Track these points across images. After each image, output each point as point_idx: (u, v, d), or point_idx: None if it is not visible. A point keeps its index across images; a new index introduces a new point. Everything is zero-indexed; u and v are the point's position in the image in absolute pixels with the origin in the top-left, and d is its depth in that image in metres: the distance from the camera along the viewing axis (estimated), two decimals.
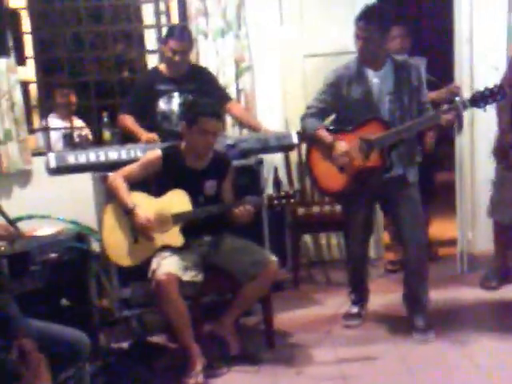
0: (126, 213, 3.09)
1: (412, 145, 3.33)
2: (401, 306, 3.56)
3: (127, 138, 3.87)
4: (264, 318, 3.37)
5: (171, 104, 3.81)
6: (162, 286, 2.92)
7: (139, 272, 3.17)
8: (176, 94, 3.81)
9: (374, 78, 3.27)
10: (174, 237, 3.11)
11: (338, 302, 3.82)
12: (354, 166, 3.24)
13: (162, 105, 3.81)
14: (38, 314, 2.40)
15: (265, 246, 3.55)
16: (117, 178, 3.14)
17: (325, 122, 3.43)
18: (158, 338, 3.50)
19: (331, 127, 3.40)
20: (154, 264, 3.03)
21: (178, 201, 3.12)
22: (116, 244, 3.13)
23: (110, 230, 3.15)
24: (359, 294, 3.65)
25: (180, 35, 3.74)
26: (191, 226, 3.13)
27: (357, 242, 3.53)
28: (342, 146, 3.24)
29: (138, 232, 3.11)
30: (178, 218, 3.10)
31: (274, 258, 3.15)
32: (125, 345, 3.37)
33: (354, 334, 3.46)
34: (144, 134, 3.69)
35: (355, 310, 3.61)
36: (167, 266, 2.98)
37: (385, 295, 3.94)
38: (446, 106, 3.17)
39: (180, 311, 2.96)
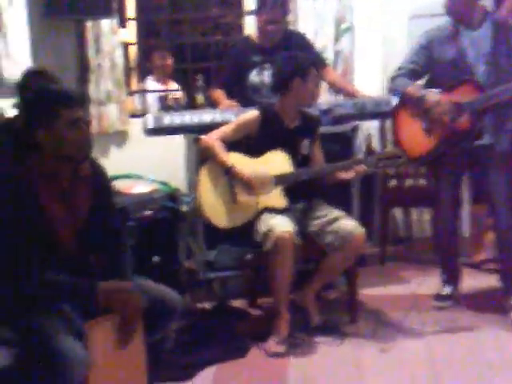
0: (226, 172, 3.07)
1: (504, 111, 3.13)
2: (498, 289, 3.37)
3: None
4: (348, 291, 3.32)
5: (263, 76, 3.77)
6: (282, 242, 2.88)
7: (225, 235, 3.20)
8: (268, 66, 3.74)
9: (468, 38, 3.11)
10: (277, 198, 3.07)
11: (426, 282, 3.67)
12: (443, 127, 3.08)
13: (252, 77, 3.78)
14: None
15: (353, 216, 3.45)
16: (213, 138, 3.13)
17: (416, 83, 3.30)
18: (239, 303, 3.53)
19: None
20: (262, 226, 2.98)
21: (278, 162, 3.09)
22: (214, 205, 3.11)
23: (208, 192, 3.13)
24: (450, 273, 3.50)
25: (273, 5, 3.67)
26: (289, 189, 3.10)
27: (445, 217, 3.39)
28: (433, 95, 3.11)
29: (236, 192, 3.07)
30: (280, 179, 3.08)
31: (362, 229, 3.07)
32: (207, 306, 3.44)
33: (445, 317, 3.29)
34: (223, 102, 3.70)
35: (447, 290, 3.47)
36: (284, 224, 2.94)
37: (480, 277, 3.76)
38: None
39: (288, 273, 2.95)
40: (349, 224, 3.07)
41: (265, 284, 3.30)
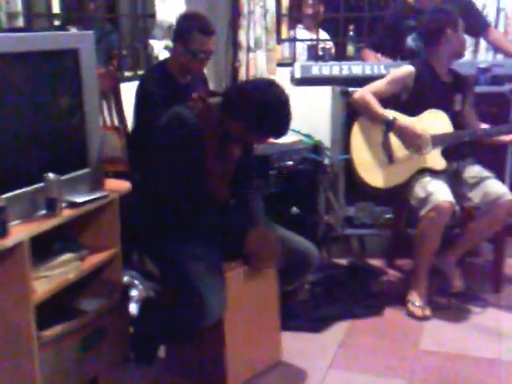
0: (387, 127, 2.96)
1: None
2: None
3: None
4: (494, 260, 3.18)
5: (421, 40, 3.56)
6: (441, 211, 2.78)
7: (364, 193, 3.14)
8: None
9: None
10: (436, 160, 2.96)
11: None
12: None
13: (410, 42, 3.62)
14: (269, 218, 2.48)
15: (504, 182, 3.28)
16: (367, 94, 3.01)
17: None
18: (375, 262, 3.48)
19: None
20: (419, 190, 2.88)
21: (437, 121, 2.98)
22: (369, 164, 3.02)
23: (360, 149, 3.04)
24: None
25: None
26: (446, 149, 2.98)
27: None
28: None
29: (393, 151, 2.97)
30: (439, 139, 2.96)
31: (511, 195, 2.89)
32: (344, 262, 3.42)
33: None
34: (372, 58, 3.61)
35: None
36: (444, 192, 2.84)
37: None
38: None
39: (438, 241, 2.88)
40: (499, 188, 2.92)
41: (405, 245, 3.23)
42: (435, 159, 2.97)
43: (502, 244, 3.12)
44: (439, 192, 2.82)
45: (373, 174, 3.01)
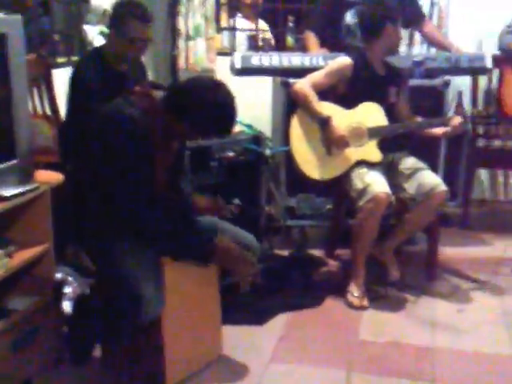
0: (321, 124, 2.98)
1: None
2: None
3: None
4: (428, 249, 3.26)
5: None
6: (378, 202, 2.81)
7: (306, 184, 3.14)
8: None
9: None
10: (372, 152, 3.00)
11: (509, 245, 3.57)
12: None
13: (348, 18, 3.60)
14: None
15: (438, 173, 3.34)
16: (305, 86, 3.00)
17: None
18: (316, 252, 3.51)
19: None
20: (357, 182, 2.91)
21: (373, 114, 3.02)
22: (307, 156, 3.03)
23: (300, 141, 3.04)
24: None
25: None
26: (382, 142, 3.03)
27: None
28: None
29: (331, 145, 3.00)
30: (375, 132, 3.00)
31: (444, 186, 2.96)
32: (285, 253, 3.43)
33: None
34: (314, 49, 3.61)
35: None
36: (382, 184, 2.87)
37: None
38: None
39: (375, 231, 2.92)
40: (432, 180, 2.99)
41: (343, 235, 3.26)
42: (371, 151, 3.01)
43: (435, 233, 3.20)
44: (376, 183, 2.86)
45: (312, 166, 3.03)
